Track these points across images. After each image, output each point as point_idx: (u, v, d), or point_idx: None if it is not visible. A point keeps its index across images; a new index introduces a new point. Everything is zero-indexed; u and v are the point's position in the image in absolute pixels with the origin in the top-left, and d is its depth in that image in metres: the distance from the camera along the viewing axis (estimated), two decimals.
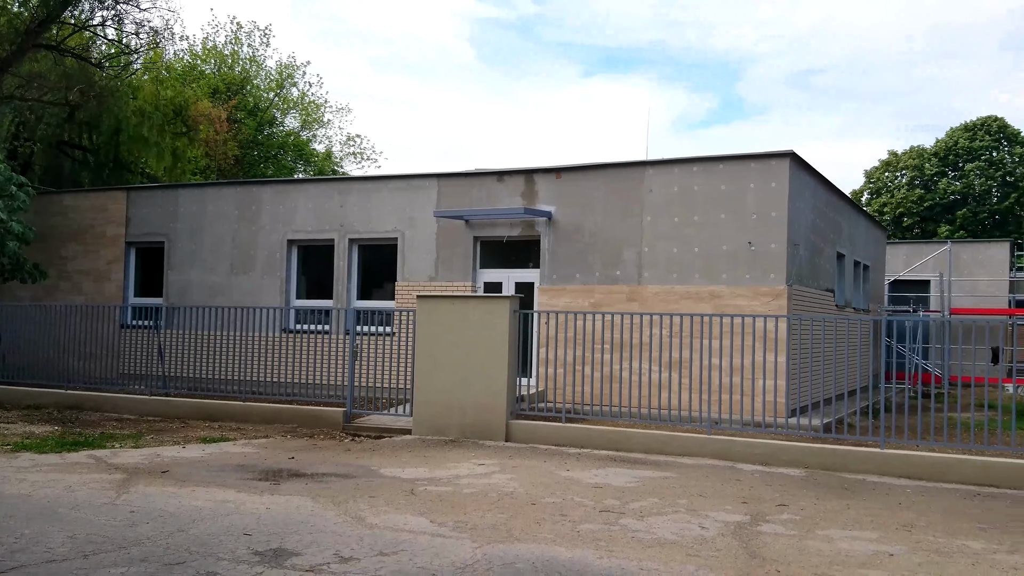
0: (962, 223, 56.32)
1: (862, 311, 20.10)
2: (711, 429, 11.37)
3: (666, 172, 15.13)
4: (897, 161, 61.54)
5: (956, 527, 7.57)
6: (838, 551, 6.72)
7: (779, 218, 14.14)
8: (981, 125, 59.17)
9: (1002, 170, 57.42)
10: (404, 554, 6.37)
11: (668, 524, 7.48)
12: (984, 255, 28.53)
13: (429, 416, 12.61)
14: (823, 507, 8.32)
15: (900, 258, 28.36)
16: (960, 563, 6.43)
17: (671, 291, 14.82)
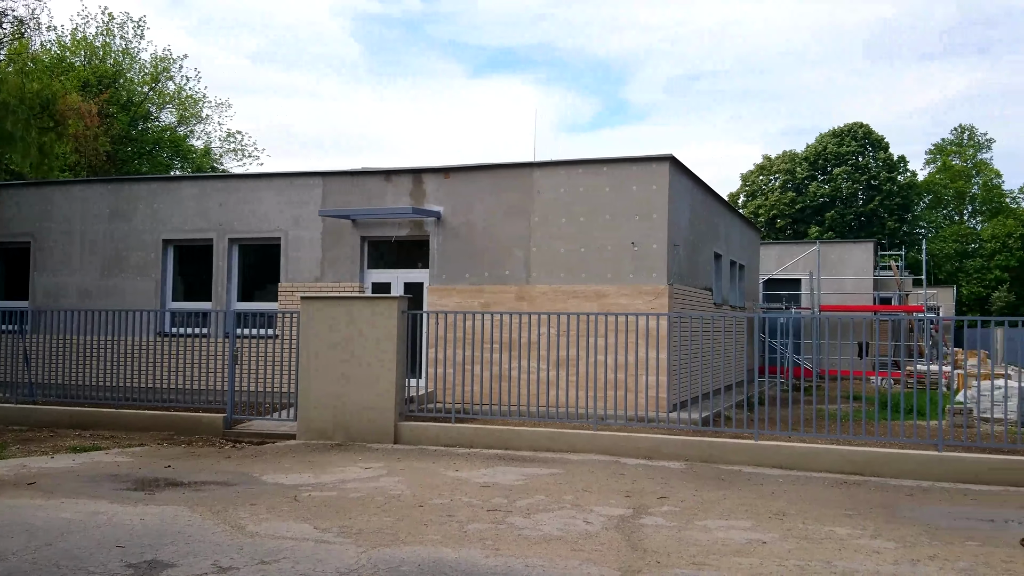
0: (830, 224, 59.46)
1: (738, 309, 20.94)
2: (597, 425, 11.61)
3: (553, 173, 15.35)
4: (771, 165, 64.45)
5: (824, 514, 7.98)
6: (715, 540, 6.97)
7: (660, 219, 14.56)
8: (848, 131, 62.62)
9: (867, 174, 60.95)
10: (286, 561, 6.23)
11: (554, 520, 7.59)
12: (850, 255, 30.21)
13: (314, 420, 12.37)
14: (702, 498, 8.62)
15: (773, 258, 29.69)
16: (828, 548, 6.78)
17: (559, 290, 15.05)
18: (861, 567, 6.24)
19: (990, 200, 74.07)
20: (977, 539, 7.07)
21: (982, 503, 8.56)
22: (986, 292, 65.46)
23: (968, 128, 77.64)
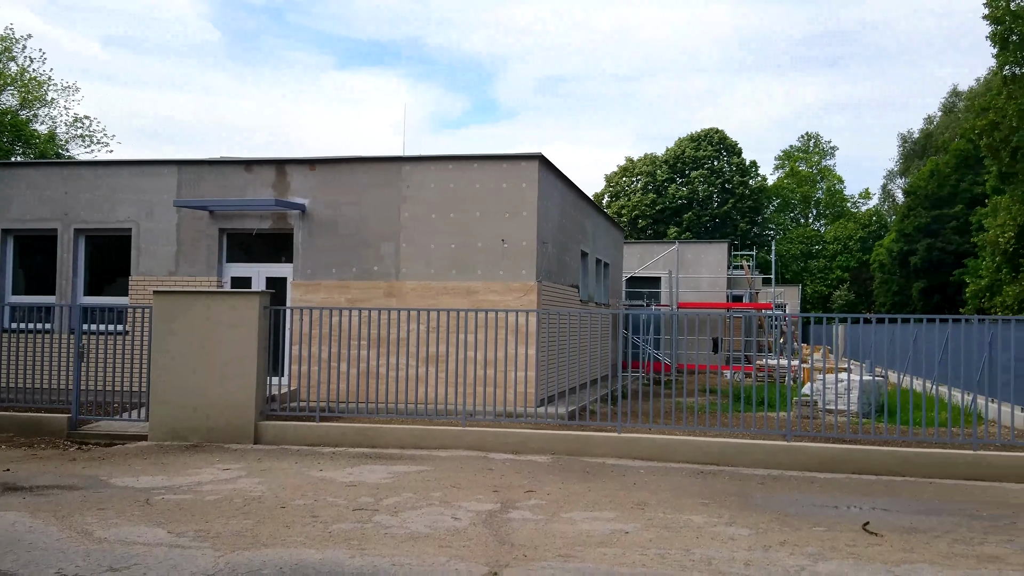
0: (688, 225, 61.94)
1: (603, 305, 21.46)
2: (466, 421, 11.60)
3: (424, 169, 15.23)
4: (633, 167, 66.49)
5: (683, 503, 8.28)
6: (580, 532, 7.09)
7: (530, 217, 14.71)
8: (704, 136, 65.39)
9: (722, 178, 63.86)
10: (137, 568, 5.88)
11: (422, 518, 7.52)
12: (706, 255, 31.55)
13: (168, 420, 11.77)
14: (567, 491, 8.76)
15: (635, 257, 30.64)
16: (686, 537, 7.03)
17: (429, 287, 14.95)
18: (717, 554, 6.50)
19: (833, 204, 79.27)
20: (824, 524, 7.50)
21: (827, 490, 9.10)
22: (828, 291, 70.02)
23: (814, 136, 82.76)
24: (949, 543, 6.86)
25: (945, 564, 6.27)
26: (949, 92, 70.38)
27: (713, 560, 6.33)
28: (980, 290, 43.69)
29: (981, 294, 43.52)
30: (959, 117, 66.08)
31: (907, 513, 7.99)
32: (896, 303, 58.69)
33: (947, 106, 72.61)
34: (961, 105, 68.23)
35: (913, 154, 74.31)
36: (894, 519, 7.72)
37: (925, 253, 54.77)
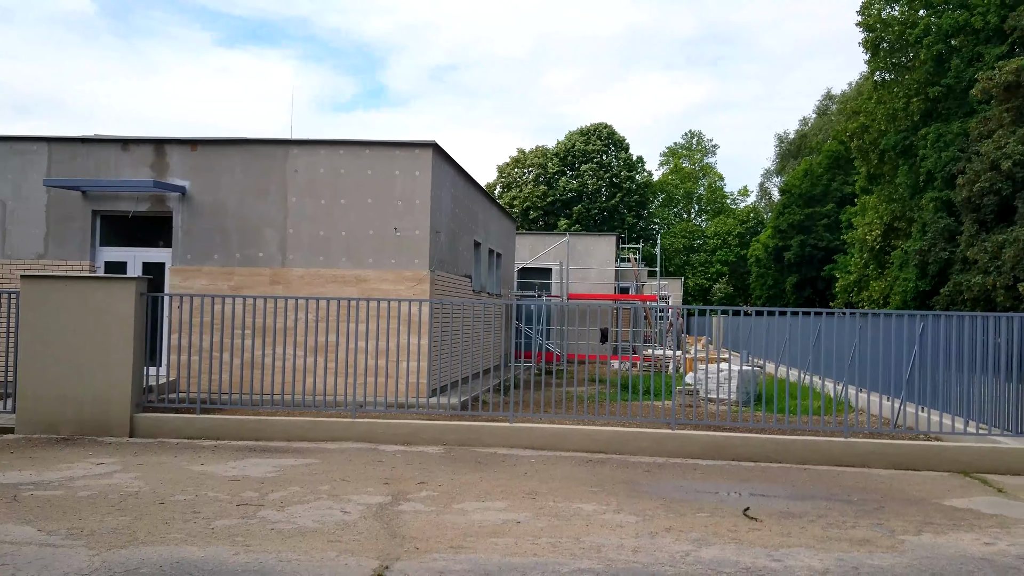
0: (578, 218, 62.94)
1: (495, 296, 21.54)
2: (356, 413, 11.40)
3: (312, 153, 14.84)
4: (525, 159, 66.98)
5: (573, 492, 8.38)
6: (472, 523, 7.08)
7: (423, 205, 14.57)
8: (594, 130, 66.51)
9: (610, 172, 65.13)
10: (4, 569, 5.50)
11: (310, 512, 7.34)
12: (595, 247, 32.12)
13: (37, 412, 11.07)
14: (459, 481, 8.73)
15: (527, 247, 30.89)
16: (576, 525, 7.12)
17: (317, 274, 14.60)
18: (607, 541, 6.61)
19: (714, 201, 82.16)
20: (706, 510, 7.75)
21: (709, 476, 9.41)
22: (709, 284, 72.58)
23: (697, 134, 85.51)
24: (823, 527, 7.21)
25: (820, 548, 6.57)
26: (823, 95, 73.98)
27: (603, 547, 6.43)
28: (849, 285, 46.23)
29: (850, 288, 46.07)
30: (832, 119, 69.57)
31: (784, 498, 8.34)
32: (771, 296, 61.41)
33: (821, 108, 76.29)
34: (834, 108, 71.83)
35: (789, 154, 77.83)
36: (772, 504, 8.05)
37: (798, 249, 57.47)
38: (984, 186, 28.19)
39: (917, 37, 35.30)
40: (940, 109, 35.60)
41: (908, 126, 37.10)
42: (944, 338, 11.26)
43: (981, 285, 27.75)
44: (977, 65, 33.00)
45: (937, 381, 11.53)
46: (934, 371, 11.56)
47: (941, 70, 34.93)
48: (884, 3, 38.51)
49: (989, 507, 8.14)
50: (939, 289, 31.93)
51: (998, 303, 26.88)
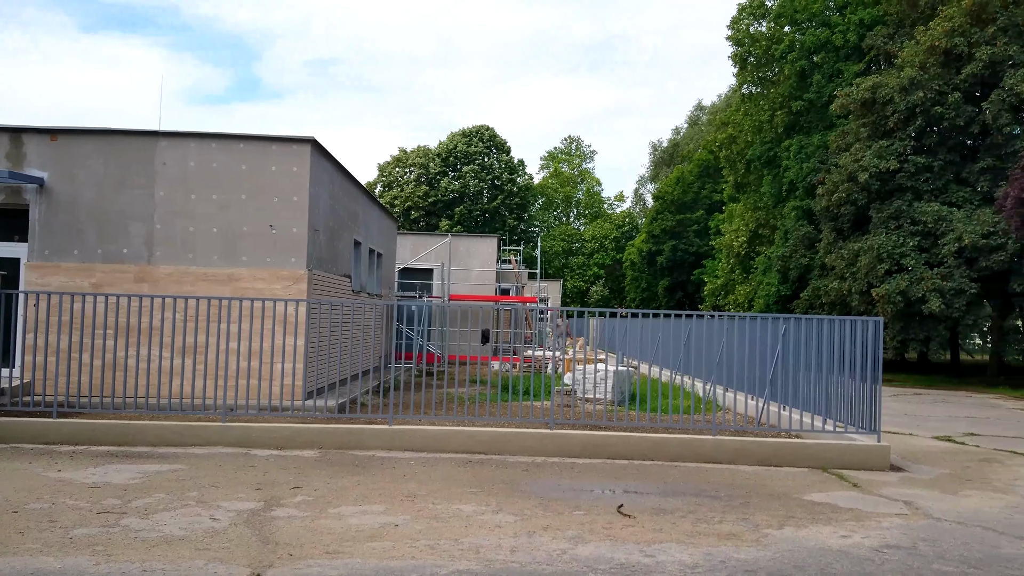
0: (459, 219, 62.99)
1: (375, 296, 21.25)
2: (227, 416, 11.00)
3: (182, 145, 14.23)
4: (406, 158, 66.52)
5: (452, 493, 8.36)
6: (349, 527, 6.95)
7: (300, 202, 14.22)
8: (476, 132, 66.74)
9: (492, 174, 65.50)
10: None
11: (177, 520, 7.02)
12: (477, 248, 32.20)
13: None
14: (336, 485, 8.56)
15: (408, 247, 30.66)
16: (455, 526, 7.10)
17: (187, 272, 14.00)
18: (485, 542, 6.62)
19: (592, 205, 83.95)
20: (583, 508, 7.88)
21: (586, 475, 9.58)
22: (586, 286, 74.13)
23: (576, 139, 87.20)
24: (693, 522, 7.46)
25: (690, 543, 6.80)
26: (695, 106, 76.96)
27: (481, 548, 6.44)
28: (717, 288, 48.24)
29: (717, 292, 48.07)
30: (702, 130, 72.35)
31: (656, 495, 8.59)
32: (645, 298, 63.30)
33: (692, 119, 79.21)
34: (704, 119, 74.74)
35: (662, 161, 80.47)
36: (645, 501, 8.28)
37: (670, 253, 59.50)
38: (842, 196, 29.95)
39: (782, 53, 37.18)
40: (802, 122, 37.61)
41: (773, 138, 39.02)
42: (804, 340, 11.88)
43: (838, 290, 29.47)
44: (837, 81, 35.05)
45: (798, 381, 12.15)
46: (795, 371, 12.16)
47: (804, 85, 36.91)
48: (752, 19, 40.37)
49: (845, 501, 8.64)
50: (799, 293, 33.73)
51: (853, 307, 28.61)
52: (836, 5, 37.20)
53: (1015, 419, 17.82)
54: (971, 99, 28.15)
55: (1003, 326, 30.58)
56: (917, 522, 7.78)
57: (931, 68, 28.36)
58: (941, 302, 25.71)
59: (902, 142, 28.72)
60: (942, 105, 27.79)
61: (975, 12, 27.59)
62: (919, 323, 26.98)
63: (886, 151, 28.68)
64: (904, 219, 28.08)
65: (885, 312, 26.46)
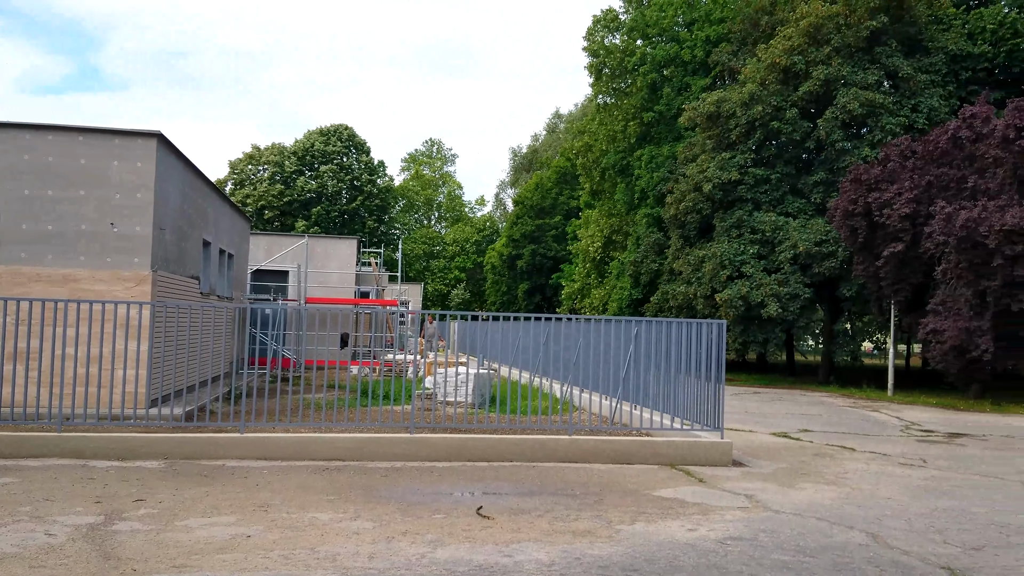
0: (317, 219, 61.61)
1: (226, 299, 20.46)
2: (63, 426, 10.30)
3: (15, 137, 13.22)
4: (260, 155, 64.48)
5: (308, 501, 8.17)
6: (197, 539, 6.67)
7: (145, 200, 13.50)
8: (334, 131, 65.53)
9: (351, 174, 64.47)
10: None
11: (8, 536, 6.52)
12: (335, 250, 31.60)
13: None
14: (183, 497, 8.19)
15: (262, 248, 29.70)
16: (311, 535, 6.94)
17: (18, 273, 13.00)
18: (343, 549, 6.52)
19: (453, 208, 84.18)
20: (442, 511, 7.89)
21: (446, 478, 9.59)
22: (447, 289, 74.21)
23: (437, 142, 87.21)
24: (550, 521, 7.62)
25: (547, 541, 6.94)
26: (552, 114, 78.63)
27: (338, 556, 6.33)
28: (573, 292, 49.44)
29: (574, 295, 49.28)
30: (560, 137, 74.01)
31: (514, 495, 8.71)
32: (505, 302, 64.05)
33: (550, 126, 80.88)
34: (562, 127, 76.48)
35: (522, 167, 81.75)
36: (504, 502, 8.38)
37: (530, 258, 60.52)
38: (688, 205, 31.40)
39: (634, 65, 38.58)
40: (653, 133, 39.17)
41: (626, 147, 40.43)
42: (655, 342, 12.36)
43: (685, 294, 30.86)
44: (685, 94, 36.72)
45: (649, 381, 12.63)
46: (646, 372, 12.64)
47: (655, 97, 38.44)
48: (607, 31, 41.69)
49: (692, 496, 9.05)
50: (650, 297, 35.09)
51: (698, 310, 30.04)
52: (684, 21, 38.97)
53: (843, 416, 19.22)
54: (807, 115, 30.16)
55: (833, 329, 32.89)
56: (758, 514, 8.25)
57: (771, 85, 30.19)
58: (778, 306, 27.41)
59: (743, 155, 30.43)
60: (780, 120, 29.64)
61: (811, 33, 29.60)
62: (758, 326, 28.65)
63: (728, 163, 30.30)
64: (745, 228, 29.74)
65: (727, 315, 27.92)
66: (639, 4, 41.04)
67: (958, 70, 29.27)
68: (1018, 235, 20.08)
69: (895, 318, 25.91)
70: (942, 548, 7.13)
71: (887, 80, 29.63)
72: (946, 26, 29.84)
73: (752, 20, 34.16)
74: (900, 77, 28.76)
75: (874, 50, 29.06)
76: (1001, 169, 21.86)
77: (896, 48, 29.04)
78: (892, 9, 28.76)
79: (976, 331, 21.41)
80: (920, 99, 28.38)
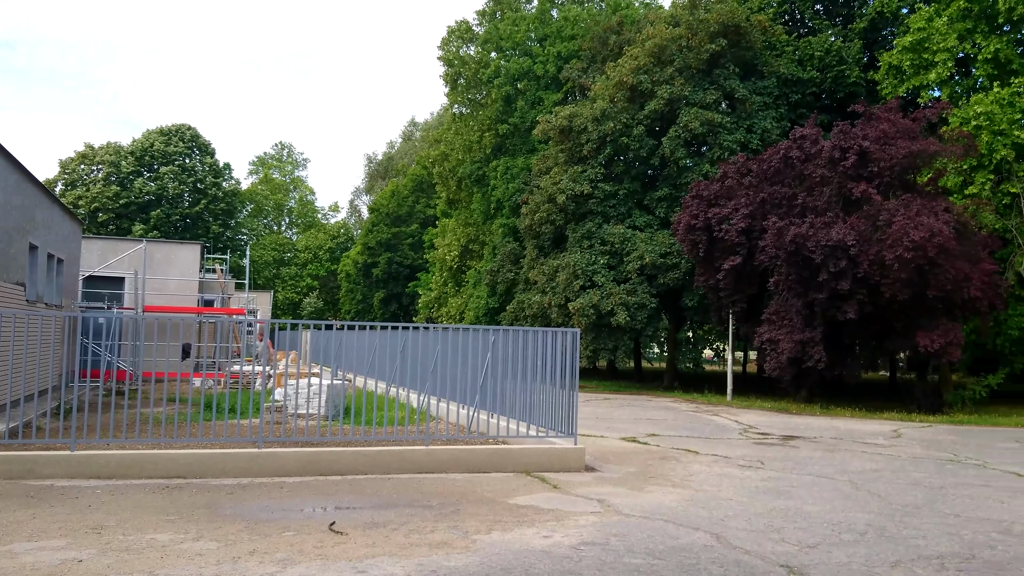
0: (156, 223, 58.53)
1: (55, 307, 19.04)
2: None
3: None
4: (94, 155, 60.67)
5: (146, 522, 7.67)
6: (22, 565, 6.14)
7: None
8: (176, 131, 62.54)
9: (194, 176, 61.68)
10: None
11: None
12: (176, 256, 30.07)
13: None
14: (6, 520, 7.52)
15: (95, 253, 27.86)
16: (150, 558, 6.52)
17: None
18: (184, 572, 6.16)
19: (305, 214, 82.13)
20: (292, 528, 7.60)
21: (297, 494, 9.26)
22: (299, 297, 72.21)
23: (288, 146, 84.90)
24: (406, 534, 7.50)
25: (402, 554, 6.82)
26: (409, 121, 78.35)
27: None
28: (430, 301, 49.29)
29: (431, 304, 49.13)
30: (416, 145, 73.81)
31: (369, 509, 8.52)
32: (360, 311, 63.07)
33: (406, 134, 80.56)
34: (418, 135, 76.31)
35: (377, 174, 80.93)
36: (358, 516, 8.18)
37: (386, 266, 59.89)
38: (543, 216, 32.02)
39: (489, 77, 39.01)
40: (508, 144, 39.72)
41: (482, 157, 40.80)
42: (511, 350, 12.46)
43: (539, 303, 31.41)
44: (539, 108, 37.47)
45: (505, 389, 12.71)
46: (503, 380, 12.72)
47: (509, 109, 39.01)
48: (461, 42, 41.98)
49: (547, 503, 9.16)
50: (506, 306, 35.50)
51: (553, 319, 30.64)
52: (537, 36, 39.80)
53: (688, 420, 20.08)
54: (653, 133, 31.43)
55: (677, 337, 34.38)
56: (609, 519, 8.44)
57: (619, 102, 31.27)
58: (627, 315, 28.37)
59: (594, 169, 31.35)
60: (628, 137, 30.75)
61: (656, 53, 30.89)
62: (608, 334, 29.54)
63: (580, 176, 31.14)
64: (596, 239, 30.64)
65: (580, 324, 28.63)
66: (493, 17, 41.59)
67: (789, 93, 31.34)
68: (842, 251, 21.65)
69: (733, 327, 27.34)
70: (780, 547, 7.54)
71: (725, 101, 31.34)
72: (779, 52, 31.89)
73: (601, 39, 35.30)
74: (737, 99, 30.48)
75: (714, 72, 30.66)
76: (827, 188, 23.54)
77: (733, 71, 30.76)
78: (730, 34, 30.45)
79: (809, 342, 22.91)
80: (755, 120, 30.18)
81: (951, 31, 25.04)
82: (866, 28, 31.62)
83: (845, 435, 17.27)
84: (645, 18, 34.85)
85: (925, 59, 25.69)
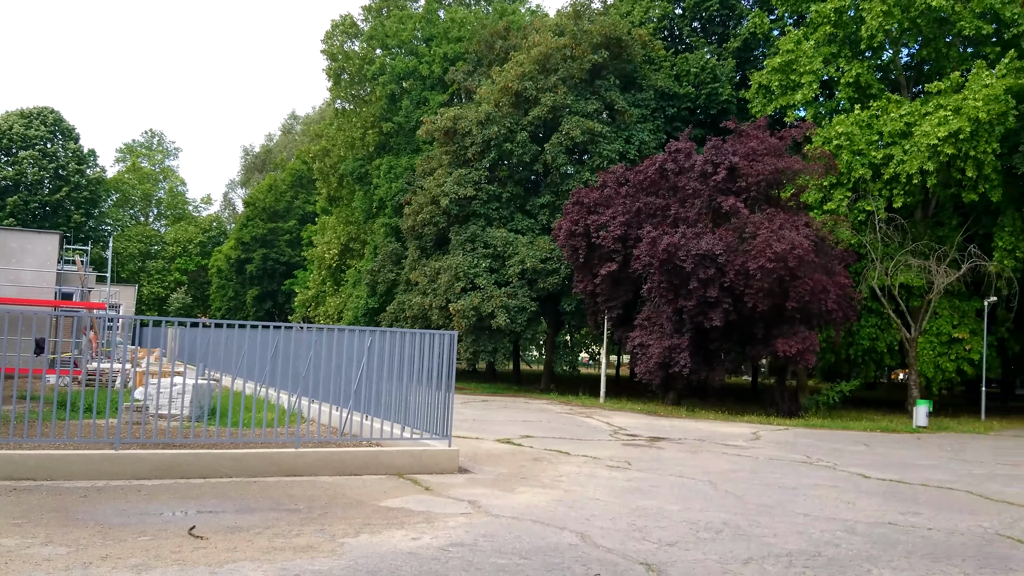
0: (13, 210, 54.98)
1: None
2: None
3: None
4: None
5: None
6: None
7: None
8: (38, 114, 58.98)
9: (56, 163, 58.26)
10: None
11: None
12: (32, 245, 28.33)
13: None
14: None
15: None
16: None
17: None
18: None
19: (175, 206, 78.78)
20: (149, 533, 7.29)
21: (156, 497, 8.89)
22: (166, 293, 69.21)
23: (159, 134, 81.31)
24: (270, 538, 7.32)
25: (265, 559, 6.66)
26: (288, 115, 76.56)
27: None
28: (308, 300, 48.23)
29: (308, 303, 48.08)
30: (297, 139, 72.10)
31: (232, 513, 8.27)
32: (232, 308, 61.02)
33: (286, 127, 78.59)
34: (299, 129, 74.59)
35: (254, 167, 78.60)
36: (220, 520, 7.93)
37: (261, 262, 58.20)
38: (426, 217, 31.93)
39: (374, 74, 38.60)
40: (392, 143, 39.39)
41: (365, 155, 40.29)
42: (388, 352, 12.36)
43: (420, 304, 31.29)
44: (424, 108, 37.34)
45: (381, 391, 12.59)
46: (379, 382, 12.59)
47: (394, 108, 38.70)
48: (346, 37, 41.36)
49: (418, 504, 9.14)
50: (386, 307, 35.17)
51: (433, 321, 30.58)
52: (424, 36, 39.67)
53: (561, 422, 20.45)
54: (536, 139, 31.88)
55: (555, 340, 34.94)
56: (479, 520, 8.51)
57: (504, 107, 31.56)
58: (507, 317, 28.64)
59: (478, 172, 31.52)
60: (512, 142, 31.07)
61: (541, 61, 31.36)
62: (488, 336, 29.75)
63: (464, 179, 31.23)
64: (479, 242, 30.81)
65: (460, 326, 28.70)
66: (379, 14, 41.18)
67: (666, 107, 32.45)
68: (710, 260, 22.59)
69: (608, 331, 28.06)
70: (641, 545, 7.79)
71: (606, 111, 32.16)
72: (657, 66, 32.97)
73: (487, 43, 35.53)
74: (617, 109, 31.32)
75: (595, 82, 31.40)
76: (699, 200, 24.50)
77: (614, 83, 31.59)
78: (612, 46, 31.27)
79: (676, 348, 23.76)
80: (633, 131, 31.10)
81: (817, 55, 26.56)
82: (739, 48, 33.09)
83: (708, 437, 18.00)
84: (531, 25, 35.32)
85: (792, 80, 27.15)
